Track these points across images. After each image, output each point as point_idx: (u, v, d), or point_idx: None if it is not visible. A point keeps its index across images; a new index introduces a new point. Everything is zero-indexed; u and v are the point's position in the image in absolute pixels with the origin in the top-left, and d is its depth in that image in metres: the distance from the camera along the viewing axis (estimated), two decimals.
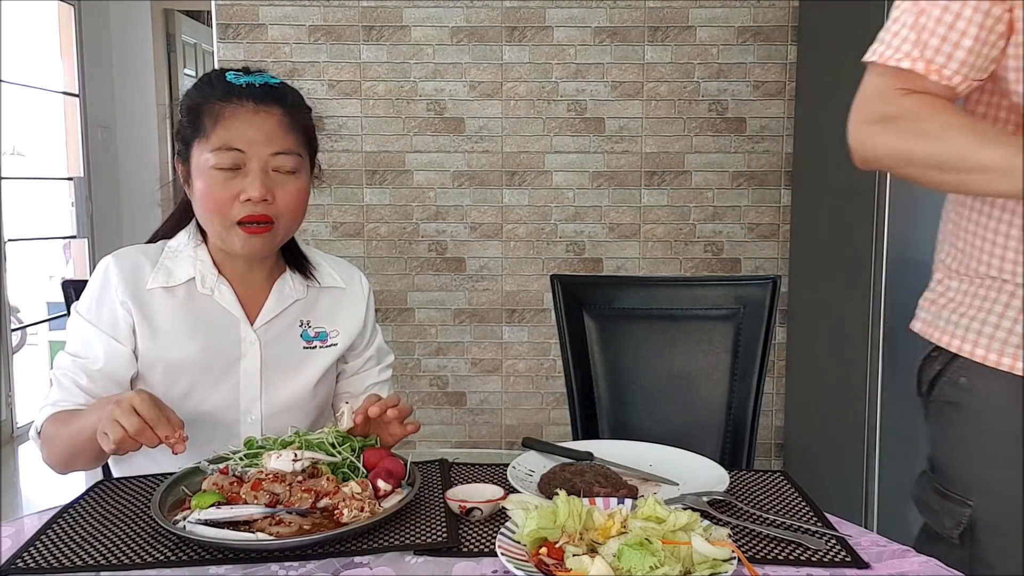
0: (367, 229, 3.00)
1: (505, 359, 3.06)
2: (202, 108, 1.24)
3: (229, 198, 1.22)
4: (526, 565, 0.88)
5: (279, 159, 1.23)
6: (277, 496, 1.02)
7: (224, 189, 1.22)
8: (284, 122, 1.24)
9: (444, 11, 2.91)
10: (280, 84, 1.28)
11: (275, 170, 1.24)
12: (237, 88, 1.24)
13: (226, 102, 1.23)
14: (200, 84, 1.28)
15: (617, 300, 1.74)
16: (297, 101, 1.29)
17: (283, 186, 1.24)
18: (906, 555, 0.97)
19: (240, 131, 1.21)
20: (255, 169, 1.22)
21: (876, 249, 2.31)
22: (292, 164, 1.25)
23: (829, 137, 2.69)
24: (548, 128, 2.96)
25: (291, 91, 1.30)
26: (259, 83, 1.25)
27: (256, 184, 1.21)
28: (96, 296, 1.29)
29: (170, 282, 1.29)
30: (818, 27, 2.77)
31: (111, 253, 1.32)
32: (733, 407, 1.66)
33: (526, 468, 1.21)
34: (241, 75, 1.26)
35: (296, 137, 1.26)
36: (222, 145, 1.21)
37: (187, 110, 1.26)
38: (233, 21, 2.90)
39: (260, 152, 1.22)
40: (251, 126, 1.22)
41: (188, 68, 5.62)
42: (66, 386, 1.27)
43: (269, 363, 1.33)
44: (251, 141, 1.21)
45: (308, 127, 1.30)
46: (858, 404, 2.40)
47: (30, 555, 0.96)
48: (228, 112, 1.22)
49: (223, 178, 1.22)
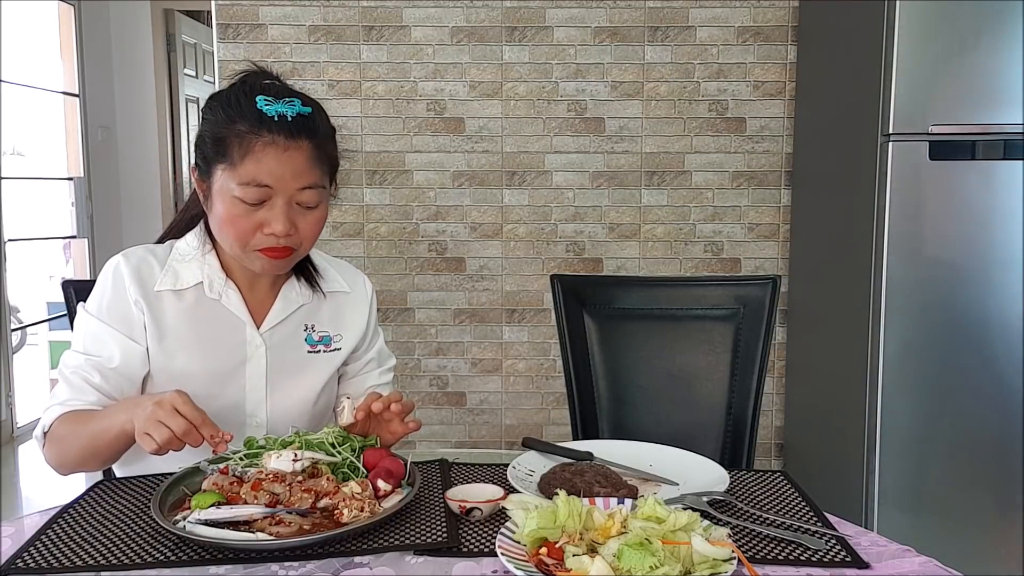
0: (367, 229, 3.00)
1: (505, 359, 3.06)
2: (230, 136, 1.19)
3: (251, 228, 1.21)
4: (526, 565, 0.88)
5: (304, 194, 1.21)
6: (277, 496, 1.02)
7: (247, 220, 1.20)
8: (312, 156, 1.21)
9: (444, 11, 2.91)
10: (311, 113, 1.23)
11: (298, 203, 1.22)
12: (268, 120, 1.18)
13: (256, 135, 1.18)
14: (228, 105, 1.22)
15: (617, 300, 1.74)
16: (326, 130, 1.25)
17: (305, 217, 1.23)
18: (906, 555, 0.97)
19: (269, 167, 1.18)
20: (280, 204, 1.20)
21: (876, 249, 2.31)
22: (317, 198, 1.23)
23: (829, 137, 2.69)
24: (548, 128, 2.96)
25: (321, 118, 1.25)
26: (291, 115, 1.19)
27: (281, 220, 1.19)
28: (108, 295, 1.28)
29: (178, 285, 1.29)
30: (818, 27, 2.77)
31: (120, 252, 1.31)
32: (733, 407, 1.66)
33: (526, 468, 1.21)
34: (272, 102, 1.20)
35: (322, 169, 1.23)
36: (250, 181, 1.18)
37: (213, 132, 1.21)
38: (233, 21, 2.90)
39: (287, 188, 1.19)
40: (280, 162, 1.18)
41: (188, 68, 5.62)
42: (77, 384, 1.25)
43: (274, 367, 1.33)
44: (279, 177, 1.18)
45: (333, 156, 1.27)
46: (858, 404, 2.40)
47: (30, 555, 0.96)
48: (259, 147, 1.18)
49: (247, 210, 1.20)
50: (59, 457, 1.24)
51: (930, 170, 2.25)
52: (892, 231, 2.28)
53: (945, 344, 2.31)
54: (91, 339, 1.27)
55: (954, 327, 2.30)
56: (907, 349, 2.32)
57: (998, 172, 2.24)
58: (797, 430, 2.97)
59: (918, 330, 2.31)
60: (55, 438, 1.23)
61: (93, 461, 1.23)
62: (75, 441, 1.21)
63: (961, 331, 2.30)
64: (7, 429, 4.17)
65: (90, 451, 1.20)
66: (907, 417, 2.34)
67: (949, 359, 2.32)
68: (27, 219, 4.76)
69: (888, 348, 2.31)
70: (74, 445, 1.21)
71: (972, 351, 2.30)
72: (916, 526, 2.36)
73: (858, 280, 2.40)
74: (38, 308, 5.27)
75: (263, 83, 1.24)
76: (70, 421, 1.22)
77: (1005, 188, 2.24)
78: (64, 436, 1.22)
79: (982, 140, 2.23)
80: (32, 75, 4.66)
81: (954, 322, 2.30)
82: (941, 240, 2.28)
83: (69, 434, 1.21)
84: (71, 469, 1.25)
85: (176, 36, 5.45)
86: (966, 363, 2.31)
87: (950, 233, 2.27)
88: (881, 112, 2.26)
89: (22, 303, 5.08)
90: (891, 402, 2.33)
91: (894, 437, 2.34)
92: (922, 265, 2.29)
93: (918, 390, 2.33)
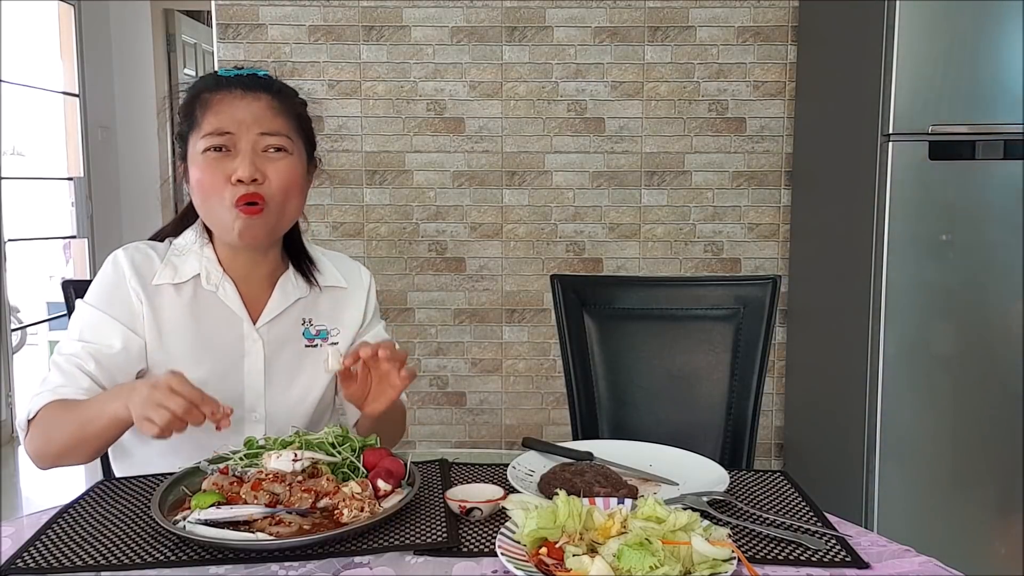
0: (367, 229, 3.00)
1: (505, 359, 3.06)
2: (194, 102, 1.28)
3: (221, 180, 1.23)
4: (526, 565, 0.88)
5: (268, 139, 1.25)
6: (277, 496, 1.02)
7: (216, 172, 1.24)
8: (273, 106, 1.27)
9: (444, 11, 2.91)
10: (268, 75, 1.31)
11: (264, 151, 1.25)
12: (226, 79, 1.28)
13: (215, 91, 1.26)
14: (193, 83, 1.33)
15: (617, 300, 1.74)
16: (286, 91, 1.32)
17: (273, 164, 1.25)
18: (906, 555, 0.97)
19: (229, 114, 1.24)
20: (244, 150, 1.24)
21: (876, 249, 2.31)
22: (281, 143, 1.27)
23: (829, 137, 2.69)
24: (548, 128, 2.96)
25: (281, 83, 1.33)
26: (247, 73, 1.29)
27: (246, 163, 1.23)
28: (109, 287, 1.28)
29: (176, 279, 1.29)
30: (818, 27, 2.77)
31: (120, 247, 1.31)
32: (733, 407, 1.66)
33: (526, 468, 1.21)
34: (230, 69, 1.30)
35: (286, 121, 1.28)
36: (212, 131, 1.24)
37: (182, 108, 1.29)
38: (233, 21, 2.90)
39: (249, 133, 1.24)
40: (239, 109, 1.25)
41: (188, 68, 5.62)
42: (68, 371, 1.23)
43: (272, 361, 1.33)
44: (239, 123, 1.24)
45: (301, 115, 1.33)
46: (858, 404, 2.40)
47: (30, 555, 0.96)
48: (217, 99, 1.26)
49: (214, 160, 1.24)
50: (43, 446, 1.20)
51: (930, 170, 2.25)
52: (892, 231, 2.28)
53: (945, 344, 2.31)
54: (90, 328, 1.26)
55: (954, 327, 2.30)
56: (907, 349, 2.32)
57: (998, 172, 2.24)
58: (797, 430, 2.97)
59: (918, 330, 2.31)
60: (40, 425, 1.20)
61: (78, 451, 1.19)
62: (63, 428, 1.18)
63: (961, 331, 2.30)
64: (6, 429, 4.16)
65: (77, 439, 1.17)
66: (907, 417, 2.34)
67: (949, 359, 2.32)
68: (27, 219, 4.76)
69: (888, 348, 2.31)
70: (61, 432, 1.18)
71: (972, 351, 2.30)
72: (916, 526, 2.36)
73: (858, 280, 2.40)
74: (38, 308, 5.28)
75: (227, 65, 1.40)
76: (59, 409, 1.19)
77: (1005, 188, 2.24)
78: (51, 423, 1.19)
79: (982, 140, 2.23)
80: (32, 75, 4.66)
81: (954, 322, 2.30)
82: (941, 240, 2.28)
83: (57, 422, 1.18)
84: (53, 460, 1.21)
85: (176, 36, 5.45)
86: (966, 363, 2.31)
87: (950, 233, 2.27)
88: (881, 112, 2.26)
89: (22, 303, 5.08)
90: (891, 402, 2.33)
91: (894, 437, 2.34)
92: (922, 265, 2.29)
93: (918, 390, 2.33)
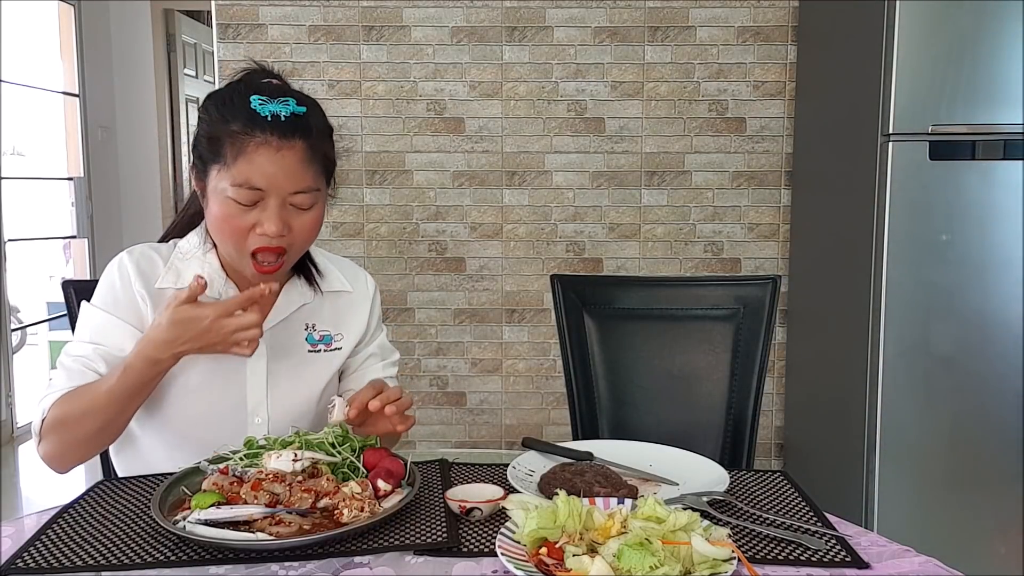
0: (367, 229, 3.00)
1: (505, 359, 3.06)
2: (223, 135, 1.18)
3: (245, 228, 1.20)
4: (526, 565, 0.88)
5: (298, 197, 1.20)
6: (277, 496, 1.02)
7: (240, 220, 1.19)
8: (306, 157, 1.20)
9: (444, 11, 2.91)
10: (305, 113, 1.21)
11: (292, 204, 1.21)
12: (261, 120, 1.17)
13: (249, 135, 1.17)
14: (222, 104, 1.21)
15: (617, 300, 1.74)
16: (322, 129, 1.24)
17: (299, 217, 1.22)
18: (906, 555, 0.97)
19: (261, 168, 1.17)
20: (273, 206, 1.19)
21: (876, 249, 2.31)
22: (311, 200, 1.22)
23: (829, 137, 2.69)
24: (548, 128, 2.96)
25: (316, 117, 1.24)
26: (285, 115, 1.18)
27: (274, 220, 1.18)
28: (115, 289, 1.27)
29: (179, 283, 1.28)
30: (818, 27, 2.77)
31: (124, 249, 1.31)
32: (733, 407, 1.66)
33: (526, 468, 1.21)
34: (267, 102, 1.19)
35: (316, 169, 1.22)
36: (243, 183, 1.17)
37: (207, 132, 1.21)
38: (233, 21, 2.90)
39: (280, 190, 1.19)
40: (272, 163, 1.17)
41: (188, 68, 5.62)
42: (77, 371, 1.23)
43: (275, 366, 1.33)
44: (271, 179, 1.17)
45: (329, 155, 1.26)
46: (858, 404, 2.40)
47: (30, 555, 0.96)
48: (251, 148, 1.17)
49: (240, 210, 1.19)
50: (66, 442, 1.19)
51: (930, 170, 2.25)
52: (892, 231, 2.28)
53: (945, 344, 2.31)
54: (98, 330, 1.26)
55: (954, 327, 2.30)
56: (907, 349, 2.32)
57: (998, 172, 2.24)
58: (797, 430, 2.97)
59: (918, 330, 2.31)
60: (57, 422, 1.19)
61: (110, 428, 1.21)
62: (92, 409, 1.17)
63: (961, 331, 2.30)
64: (7, 429, 4.17)
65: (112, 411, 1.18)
66: (907, 417, 2.34)
67: (949, 359, 2.32)
68: (27, 219, 4.76)
69: (888, 348, 2.31)
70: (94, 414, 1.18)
71: (972, 351, 2.30)
72: (916, 526, 2.36)
73: (858, 280, 2.40)
74: (38, 308, 5.28)
75: (259, 82, 1.23)
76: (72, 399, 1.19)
77: (1005, 188, 2.24)
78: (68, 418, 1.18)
79: (982, 140, 2.23)
80: (32, 75, 4.67)
81: (954, 322, 2.30)
82: (941, 240, 2.28)
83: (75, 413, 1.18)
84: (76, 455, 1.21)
85: (176, 36, 5.45)
86: (966, 363, 2.31)
87: (950, 233, 2.27)
88: (881, 112, 2.26)
89: (22, 303, 5.08)
90: (891, 402, 2.33)
91: (894, 437, 2.34)
92: (922, 265, 2.29)
93: (918, 390, 2.33)
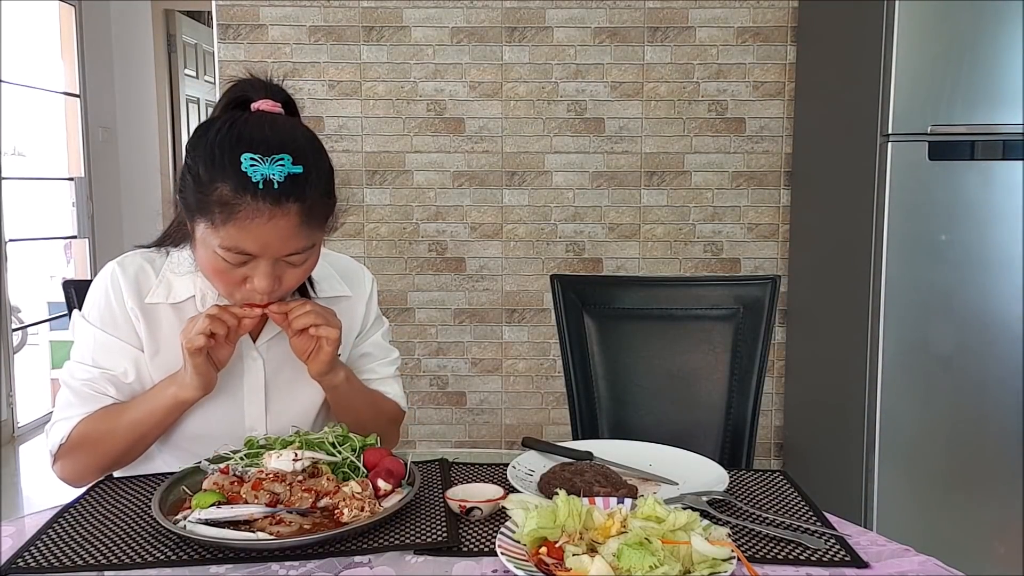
0: (367, 229, 3.00)
1: (505, 359, 3.06)
2: (211, 192, 1.08)
3: (235, 282, 1.15)
4: (526, 565, 0.88)
5: (292, 257, 1.14)
6: (277, 496, 1.02)
7: (230, 274, 1.14)
8: (301, 221, 1.10)
9: (444, 11, 2.91)
10: (302, 173, 1.09)
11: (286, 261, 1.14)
12: (253, 186, 1.06)
13: (239, 200, 1.06)
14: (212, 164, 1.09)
15: (617, 300, 1.74)
16: (320, 185, 1.13)
17: (293, 271, 1.16)
18: (906, 555, 0.97)
19: (252, 236, 1.08)
20: (265, 265, 1.12)
21: (876, 249, 2.31)
22: (304, 257, 1.15)
23: (829, 137, 2.69)
24: (548, 128, 2.97)
25: (315, 175, 1.11)
26: (279, 178, 1.07)
27: (265, 280, 1.13)
28: (111, 307, 1.25)
29: (170, 299, 1.26)
30: (817, 27, 2.77)
31: (115, 260, 1.28)
32: (732, 407, 1.66)
33: (526, 468, 1.21)
34: (259, 163, 1.07)
35: (313, 228, 1.13)
36: (232, 247, 1.09)
37: (194, 187, 1.10)
38: (233, 21, 2.90)
39: (273, 253, 1.12)
40: (265, 231, 1.08)
41: (188, 68, 5.62)
42: (89, 396, 1.23)
43: (272, 380, 1.30)
44: (264, 246, 1.10)
45: (328, 207, 1.16)
46: (857, 404, 2.40)
47: (30, 555, 0.96)
48: (242, 214, 1.07)
49: (229, 267, 1.13)
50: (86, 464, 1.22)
51: (930, 170, 2.25)
52: (891, 231, 2.28)
53: (944, 344, 2.31)
54: (101, 351, 1.24)
55: (954, 327, 2.30)
56: (906, 349, 2.32)
57: (997, 172, 2.24)
58: (797, 430, 2.97)
59: (917, 330, 2.32)
60: (81, 442, 1.21)
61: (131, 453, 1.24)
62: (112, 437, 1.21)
63: (960, 331, 2.30)
64: (7, 429, 4.17)
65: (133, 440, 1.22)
66: (906, 417, 2.34)
67: (948, 359, 2.32)
68: (28, 219, 4.76)
69: (887, 348, 2.31)
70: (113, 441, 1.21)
71: (971, 351, 2.31)
72: (916, 526, 2.36)
73: (858, 280, 2.40)
74: (39, 308, 5.27)
75: (252, 134, 1.10)
76: (102, 419, 1.21)
77: (1004, 188, 2.24)
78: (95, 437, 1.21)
79: (981, 140, 2.23)
80: (33, 75, 4.66)
81: (954, 322, 2.30)
82: (940, 240, 2.28)
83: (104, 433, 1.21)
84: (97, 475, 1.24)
85: (177, 36, 5.45)
86: (965, 363, 2.31)
87: (950, 233, 2.27)
88: (881, 112, 2.27)
89: (23, 303, 5.08)
90: (890, 402, 2.33)
91: (894, 437, 2.34)
92: (921, 265, 2.30)
93: (917, 390, 2.33)
